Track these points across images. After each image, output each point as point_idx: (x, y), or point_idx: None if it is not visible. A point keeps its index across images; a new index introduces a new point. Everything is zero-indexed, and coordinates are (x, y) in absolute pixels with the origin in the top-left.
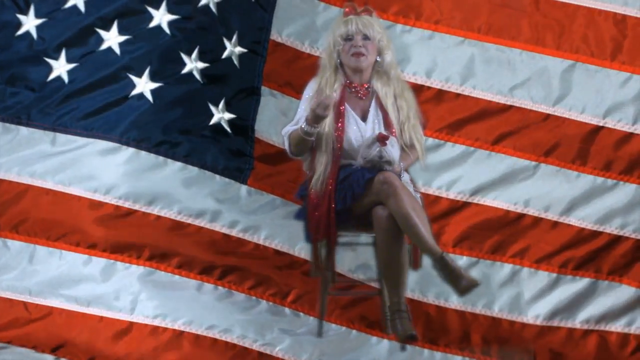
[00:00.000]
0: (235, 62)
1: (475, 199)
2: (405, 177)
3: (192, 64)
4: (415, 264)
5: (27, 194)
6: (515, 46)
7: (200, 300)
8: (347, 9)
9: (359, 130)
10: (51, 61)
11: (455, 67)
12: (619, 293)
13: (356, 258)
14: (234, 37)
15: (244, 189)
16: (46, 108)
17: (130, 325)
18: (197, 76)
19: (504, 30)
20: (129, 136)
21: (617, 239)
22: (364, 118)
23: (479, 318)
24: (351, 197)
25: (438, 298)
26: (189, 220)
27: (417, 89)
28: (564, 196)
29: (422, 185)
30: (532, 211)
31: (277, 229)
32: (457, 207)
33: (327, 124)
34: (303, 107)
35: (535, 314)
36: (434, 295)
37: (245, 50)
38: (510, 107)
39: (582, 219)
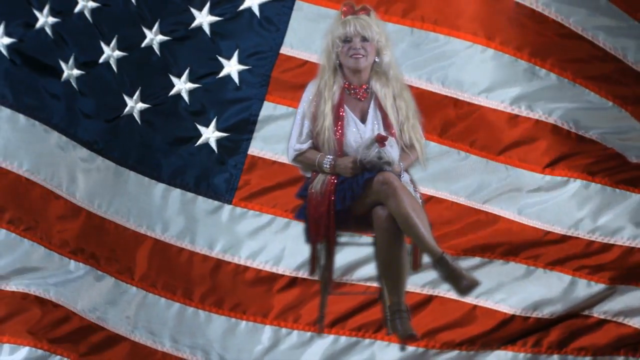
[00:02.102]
0: (235, 79)
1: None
2: (405, 177)
3: (181, 85)
4: (416, 265)
5: None
6: (532, 61)
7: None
8: (344, 9)
9: (358, 132)
10: (63, 64)
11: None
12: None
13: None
14: (234, 55)
15: (227, 208)
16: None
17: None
18: (185, 97)
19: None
20: (111, 154)
21: (629, 251)
22: (363, 119)
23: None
24: (350, 197)
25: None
26: (172, 242)
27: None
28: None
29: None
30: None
31: (260, 248)
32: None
33: (327, 128)
34: (301, 110)
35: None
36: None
37: (246, 67)
38: (517, 116)
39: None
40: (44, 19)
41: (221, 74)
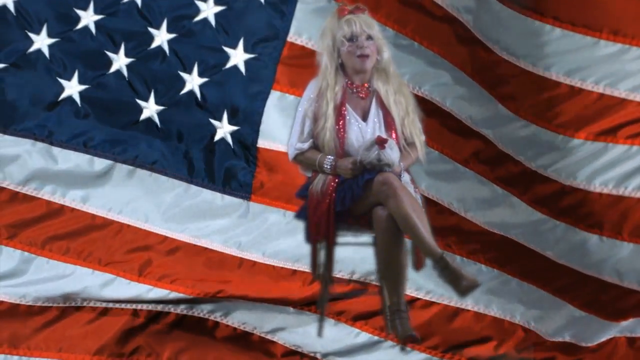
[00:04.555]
0: (242, 69)
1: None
2: (406, 177)
3: (192, 82)
4: (419, 264)
5: None
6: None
7: None
8: (340, 8)
9: (360, 131)
10: (63, 81)
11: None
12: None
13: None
14: (240, 45)
15: (245, 205)
16: (61, 127)
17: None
18: (197, 93)
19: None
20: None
21: None
22: (364, 118)
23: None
24: (350, 198)
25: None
26: (191, 240)
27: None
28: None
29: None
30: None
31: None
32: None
33: (328, 128)
34: (302, 109)
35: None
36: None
37: (252, 56)
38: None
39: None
40: (41, 41)
41: (228, 65)
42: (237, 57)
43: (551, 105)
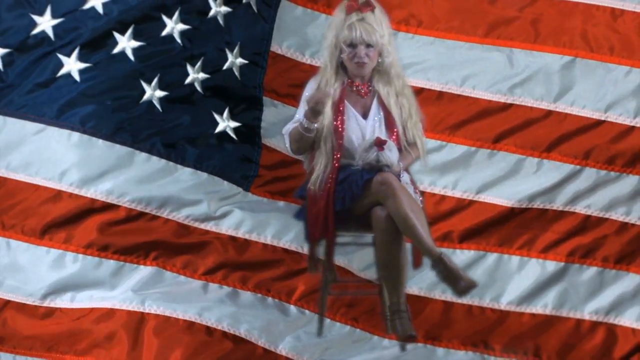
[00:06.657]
0: (236, 73)
1: (481, 197)
2: (405, 177)
3: (195, 75)
4: (417, 263)
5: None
6: (514, 46)
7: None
8: (349, 4)
9: (359, 128)
10: (63, 58)
11: (454, 69)
12: (627, 282)
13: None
14: (236, 49)
15: (249, 195)
16: (55, 105)
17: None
18: (198, 87)
19: (501, 30)
20: (139, 142)
21: (623, 226)
22: (364, 115)
23: (486, 312)
24: (350, 198)
25: (444, 292)
26: (196, 225)
27: (417, 92)
28: (568, 189)
29: (427, 185)
30: (537, 204)
31: (283, 229)
32: (463, 205)
33: (326, 126)
34: (301, 109)
35: (544, 304)
36: (440, 291)
37: (245, 62)
38: (511, 105)
39: (588, 206)
40: (46, 22)
41: (225, 67)
42: (234, 60)
43: None
